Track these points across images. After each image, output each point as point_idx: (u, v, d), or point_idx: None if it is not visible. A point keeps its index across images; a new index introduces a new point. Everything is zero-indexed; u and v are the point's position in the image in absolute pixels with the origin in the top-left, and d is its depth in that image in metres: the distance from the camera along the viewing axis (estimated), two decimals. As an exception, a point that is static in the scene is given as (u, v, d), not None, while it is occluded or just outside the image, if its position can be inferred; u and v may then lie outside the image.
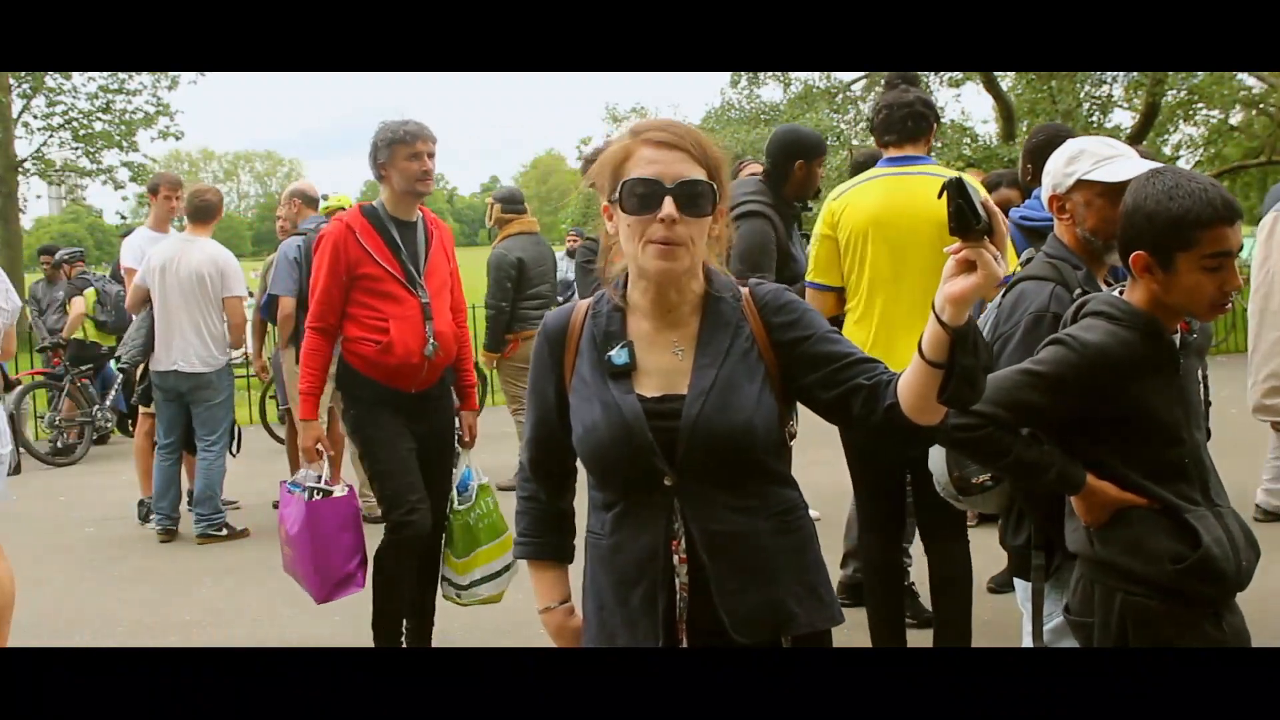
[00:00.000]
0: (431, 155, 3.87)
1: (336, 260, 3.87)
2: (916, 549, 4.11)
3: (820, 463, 4.21)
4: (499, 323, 6.82)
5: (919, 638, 4.08)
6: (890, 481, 3.77)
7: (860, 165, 5.13)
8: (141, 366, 6.38)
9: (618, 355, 1.85)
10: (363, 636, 4.64)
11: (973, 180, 4.07)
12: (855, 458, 3.82)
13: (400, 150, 3.82)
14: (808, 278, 3.95)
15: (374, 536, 4.01)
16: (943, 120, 18.53)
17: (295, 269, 6.25)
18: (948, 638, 3.69)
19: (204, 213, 6.30)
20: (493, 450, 8.11)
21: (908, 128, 3.75)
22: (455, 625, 4.73)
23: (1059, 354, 2.19)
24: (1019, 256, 3.07)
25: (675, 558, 1.81)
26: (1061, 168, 2.59)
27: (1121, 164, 2.51)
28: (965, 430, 2.16)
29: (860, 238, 3.71)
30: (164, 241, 6.54)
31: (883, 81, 4.30)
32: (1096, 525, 2.23)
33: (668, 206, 1.75)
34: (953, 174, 4.24)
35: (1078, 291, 2.46)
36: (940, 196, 1.56)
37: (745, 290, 1.90)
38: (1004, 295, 2.60)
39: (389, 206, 3.96)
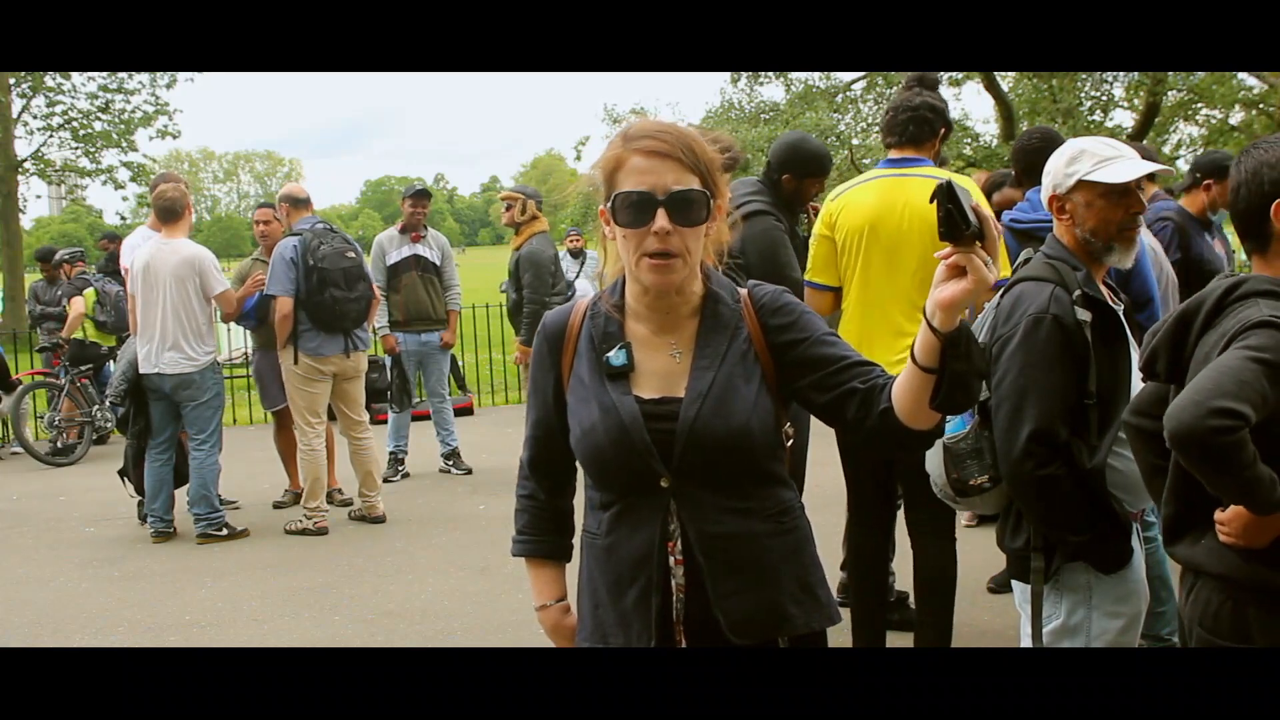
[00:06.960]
0: None
1: None
2: (903, 558, 4.11)
3: (823, 463, 4.20)
4: (539, 317, 6.85)
5: (904, 640, 4.08)
6: (872, 472, 3.85)
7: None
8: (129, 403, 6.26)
9: (616, 357, 1.85)
10: (363, 636, 4.65)
11: (969, 183, 4.05)
12: (842, 448, 3.91)
13: None
14: (805, 277, 3.97)
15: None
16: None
17: (292, 269, 6.16)
18: (927, 637, 3.70)
19: (168, 213, 6.22)
20: (497, 450, 8.12)
21: (909, 131, 3.77)
22: (455, 625, 4.74)
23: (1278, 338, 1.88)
24: (1011, 259, 3.07)
25: (671, 559, 1.82)
26: (1062, 168, 2.55)
27: (1123, 165, 2.49)
28: (1226, 433, 1.80)
29: (856, 238, 3.74)
30: (144, 245, 6.46)
31: (900, 82, 4.28)
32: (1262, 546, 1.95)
33: (660, 219, 1.74)
34: (948, 175, 4.23)
35: (1076, 293, 2.43)
36: (931, 201, 1.53)
37: (744, 292, 1.90)
38: (1002, 296, 2.58)
39: None
